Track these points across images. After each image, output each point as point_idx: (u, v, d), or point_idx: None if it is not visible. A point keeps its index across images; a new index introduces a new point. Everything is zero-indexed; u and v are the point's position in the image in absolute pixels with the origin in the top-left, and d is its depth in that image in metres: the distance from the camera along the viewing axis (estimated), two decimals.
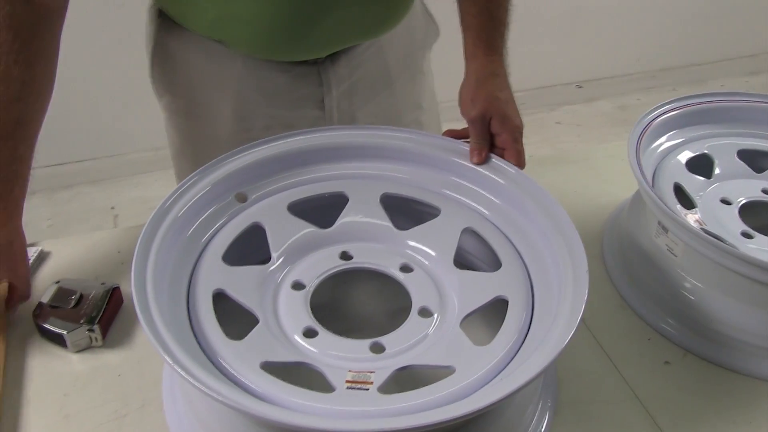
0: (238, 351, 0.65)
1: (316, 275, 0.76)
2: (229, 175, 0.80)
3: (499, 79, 0.90)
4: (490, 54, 0.92)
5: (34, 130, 0.85)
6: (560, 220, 0.74)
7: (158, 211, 0.73)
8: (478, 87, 0.89)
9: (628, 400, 0.78)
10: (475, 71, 0.91)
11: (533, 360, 0.61)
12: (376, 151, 0.86)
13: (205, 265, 0.74)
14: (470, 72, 0.92)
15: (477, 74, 0.91)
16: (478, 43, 0.92)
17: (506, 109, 0.87)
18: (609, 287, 0.92)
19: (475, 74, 0.91)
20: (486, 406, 0.56)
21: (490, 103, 0.87)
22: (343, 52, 1.00)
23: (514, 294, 0.72)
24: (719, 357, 0.83)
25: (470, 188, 0.84)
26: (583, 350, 0.83)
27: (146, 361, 0.79)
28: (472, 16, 0.92)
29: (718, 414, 0.77)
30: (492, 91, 0.88)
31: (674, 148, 0.98)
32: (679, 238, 0.83)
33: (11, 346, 0.81)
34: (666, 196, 0.90)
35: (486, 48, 0.92)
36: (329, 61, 1.00)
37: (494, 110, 0.86)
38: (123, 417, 0.74)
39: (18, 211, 0.85)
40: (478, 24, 0.92)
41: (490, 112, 0.86)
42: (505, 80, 0.91)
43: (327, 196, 0.83)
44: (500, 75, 0.91)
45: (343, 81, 1.02)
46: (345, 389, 0.63)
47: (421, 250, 0.80)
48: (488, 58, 0.91)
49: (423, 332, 0.71)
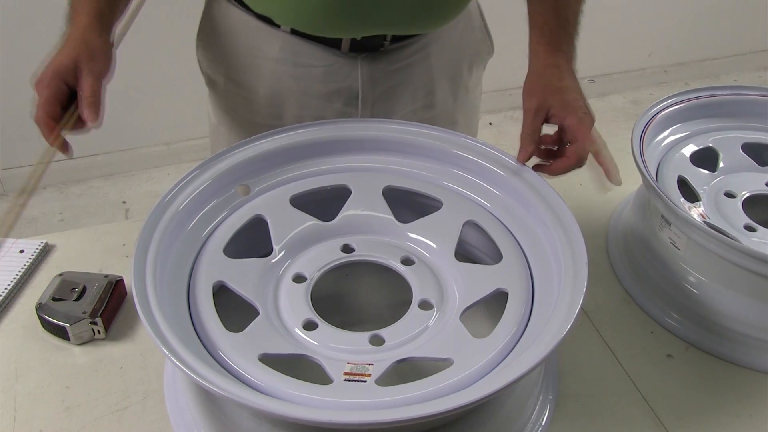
0: (238, 343, 0.66)
1: (318, 268, 0.77)
2: (231, 167, 0.80)
3: (560, 71, 0.86)
4: (552, 51, 0.88)
5: None
6: (561, 212, 0.74)
7: (160, 204, 0.74)
8: (537, 79, 0.86)
9: (630, 394, 0.77)
10: (536, 65, 0.88)
11: (531, 351, 0.61)
12: (378, 144, 0.86)
13: (207, 258, 0.74)
14: (531, 67, 0.88)
15: (537, 68, 0.87)
16: (541, 39, 0.88)
17: (566, 96, 0.82)
18: (612, 280, 0.92)
19: (536, 68, 0.87)
20: (483, 397, 0.56)
21: (548, 91, 0.83)
22: (387, 52, 0.98)
23: (514, 286, 0.72)
24: (722, 350, 0.82)
25: (472, 181, 0.84)
26: (585, 343, 0.83)
27: (149, 353, 0.80)
28: (538, 14, 0.90)
29: (720, 407, 0.76)
30: (551, 81, 0.84)
31: (679, 142, 0.97)
32: (683, 232, 0.83)
33: (14, 338, 0.82)
34: (670, 189, 0.90)
35: (548, 45, 0.88)
36: (370, 58, 0.98)
37: (553, 99, 0.82)
38: (125, 409, 0.74)
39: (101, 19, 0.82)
40: (542, 21, 0.89)
41: (549, 102, 0.82)
42: (569, 73, 0.86)
43: (329, 189, 0.83)
44: (561, 67, 0.86)
45: (382, 82, 1.00)
46: (343, 381, 0.63)
47: (423, 242, 0.80)
48: (550, 54, 0.87)
49: (423, 325, 0.71)
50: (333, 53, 0.96)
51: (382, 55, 0.98)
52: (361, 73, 0.98)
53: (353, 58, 0.97)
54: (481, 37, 1.09)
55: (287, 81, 0.99)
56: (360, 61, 0.97)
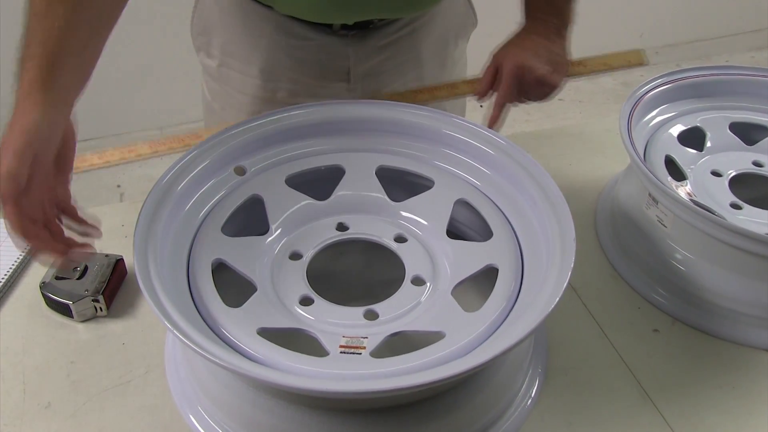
0: (237, 318, 0.68)
1: (313, 245, 0.79)
2: (228, 148, 0.82)
3: (534, 36, 0.97)
4: (529, 20, 0.99)
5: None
6: (549, 190, 0.76)
7: (159, 185, 0.75)
8: (507, 41, 0.98)
9: (617, 366, 0.80)
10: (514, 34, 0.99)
11: (520, 324, 0.63)
12: (371, 125, 0.88)
13: (205, 237, 0.76)
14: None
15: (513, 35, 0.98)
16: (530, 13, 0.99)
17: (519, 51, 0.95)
18: (601, 257, 0.94)
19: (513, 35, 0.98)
20: (474, 366, 0.59)
21: (507, 50, 0.95)
22: (376, 28, 1.01)
23: (504, 262, 0.75)
24: (707, 325, 0.85)
25: (463, 160, 0.85)
26: (573, 318, 0.85)
27: (149, 329, 0.82)
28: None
29: (704, 380, 0.79)
30: (518, 41, 0.97)
31: (666, 122, 0.99)
32: (669, 210, 0.85)
33: (20, 315, 0.84)
34: (657, 168, 0.92)
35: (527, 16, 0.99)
36: (360, 35, 1.01)
37: (503, 55, 0.95)
38: (128, 383, 0.76)
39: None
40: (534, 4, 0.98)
41: (501, 58, 0.95)
42: (544, 40, 0.96)
43: (324, 169, 0.85)
44: (539, 34, 0.97)
45: (371, 58, 1.03)
46: (339, 353, 0.66)
47: (415, 220, 0.82)
48: (530, 23, 0.99)
49: (416, 300, 0.73)
50: (325, 32, 0.99)
51: (371, 32, 1.01)
52: (351, 50, 1.01)
53: (344, 35, 1.00)
54: (464, 10, 1.12)
55: (281, 57, 1.02)
56: (350, 38, 1.00)
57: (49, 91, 0.67)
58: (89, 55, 0.71)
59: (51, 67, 0.67)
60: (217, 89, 1.10)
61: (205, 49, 1.07)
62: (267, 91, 1.04)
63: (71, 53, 0.68)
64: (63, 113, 0.69)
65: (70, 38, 0.68)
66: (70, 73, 0.69)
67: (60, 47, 0.67)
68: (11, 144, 0.64)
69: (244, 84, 1.05)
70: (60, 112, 0.68)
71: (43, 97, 0.66)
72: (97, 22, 0.71)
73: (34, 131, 0.65)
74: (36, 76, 0.66)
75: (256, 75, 1.03)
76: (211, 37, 1.05)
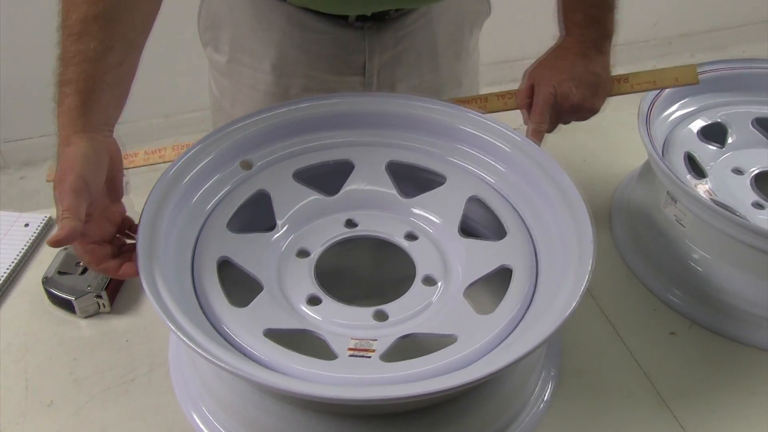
0: (242, 318, 0.66)
1: (321, 243, 0.77)
2: (234, 142, 0.80)
3: (565, 52, 0.91)
4: (567, 33, 0.92)
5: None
6: (567, 189, 0.74)
7: (163, 179, 0.73)
8: (542, 60, 0.91)
9: (632, 371, 0.78)
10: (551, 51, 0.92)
11: (535, 330, 0.61)
12: (382, 119, 0.85)
13: (210, 233, 0.74)
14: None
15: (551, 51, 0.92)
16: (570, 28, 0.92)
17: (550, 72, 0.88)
18: (615, 256, 0.92)
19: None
20: (487, 375, 0.57)
21: (542, 73, 0.89)
22: (392, 19, 0.98)
23: (518, 263, 0.72)
24: (725, 328, 0.82)
25: (476, 156, 0.83)
26: (587, 320, 0.83)
27: (153, 327, 0.80)
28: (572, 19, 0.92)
29: (722, 385, 0.77)
30: (554, 61, 0.90)
31: (687, 117, 0.97)
32: (688, 209, 0.82)
33: (22, 310, 0.82)
34: (676, 165, 0.89)
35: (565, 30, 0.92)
36: (376, 27, 0.98)
37: (538, 77, 0.89)
38: (131, 381, 0.75)
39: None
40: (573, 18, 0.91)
41: (535, 81, 0.89)
42: (581, 59, 0.89)
43: (332, 163, 0.83)
44: (576, 53, 0.90)
45: (387, 50, 1.00)
46: (347, 357, 0.64)
47: (426, 218, 0.80)
48: (567, 39, 0.92)
49: (426, 300, 0.71)
50: (340, 24, 0.96)
51: (387, 23, 0.98)
52: (367, 42, 0.98)
53: (359, 28, 0.97)
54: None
55: (294, 51, 0.99)
56: (366, 31, 0.97)
57: (90, 114, 0.66)
58: (126, 70, 0.70)
59: (90, 90, 0.66)
60: (227, 86, 1.07)
61: (214, 44, 1.04)
62: (279, 87, 1.01)
63: (108, 70, 0.67)
64: (106, 135, 0.68)
65: (107, 56, 0.67)
66: (110, 92, 0.68)
67: (97, 67, 0.67)
68: (65, 181, 0.63)
69: (256, 80, 1.02)
70: (104, 135, 0.68)
71: (85, 123, 0.66)
72: (132, 35, 0.70)
73: (82, 162, 0.64)
74: (75, 102, 0.66)
75: (268, 71, 1.00)
76: (220, 32, 1.02)
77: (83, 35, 0.66)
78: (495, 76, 2.74)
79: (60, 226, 0.62)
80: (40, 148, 2.40)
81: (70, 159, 0.64)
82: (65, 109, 0.66)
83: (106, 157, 0.68)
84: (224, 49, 1.03)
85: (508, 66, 2.55)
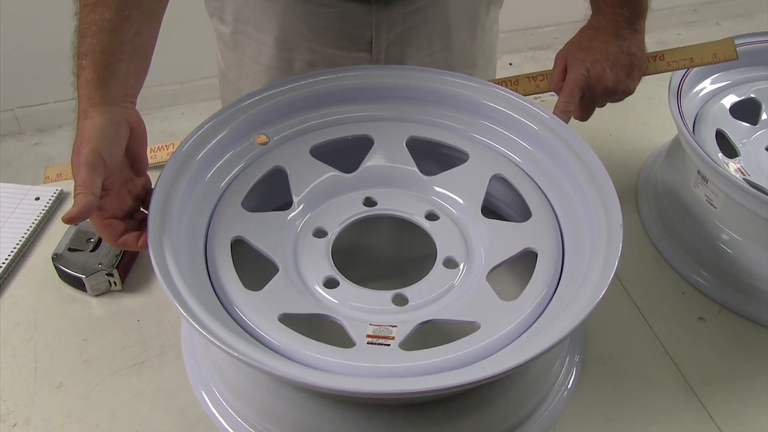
0: (257, 302, 0.64)
1: (339, 222, 0.74)
2: (249, 117, 0.77)
3: (597, 32, 0.86)
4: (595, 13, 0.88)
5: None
6: (595, 170, 0.71)
7: (176, 156, 0.71)
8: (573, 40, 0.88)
9: (659, 357, 0.75)
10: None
11: (561, 320, 0.58)
12: (402, 92, 0.82)
13: (224, 211, 0.72)
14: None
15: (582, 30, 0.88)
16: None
17: (580, 54, 0.85)
18: (643, 237, 0.89)
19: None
20: (510, 368, 0.55)
21: (573, 54, 0.85)
22: None
23: (543, 246, 0.69)
24: (756, 314, 0.80)
25: (501, 133, 0.80)
26: (613, 303, 0.80)
27: (165, 306, 0.78)
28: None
29: (753, 374, 0.74)
30: (586, 42, 0.86)
31: (718, 92, 0.93)
32: (720, 189, 0.79)
33: (32, 287, 0.80)
34: (707, 143, 0.86)
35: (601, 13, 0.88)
36: (383, 2, 0.93)
37: (570, 59, 0.85)
38: (142, 363, 0.73)
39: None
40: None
41: (567, 62, 0.85)
42: (615, 38, 0.85)
43: (351, 139, 0.80)
44: (608, 32, 0.86)
45: (396, 26, 0.96)
46: (366, 344, 0.61)
47: (448, 197, 0.77)
48: (598, 18, 0.88)
49: (448, 284, 0.69)
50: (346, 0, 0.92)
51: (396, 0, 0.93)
52: (374, 17, 0.94)
53: (366, 1, 0.93)
54: None
55: (298, 25, 0.95)
56: (372, 5, 0.93)
57: (108, 86, 0.65)
58: (145, 40, 0.68)
59: (107, 62, 0.65)
60: (232, 57, 1.03)
61: (218, 14, 1.01)
62: (283, 61, 0.98)
63: (126, 41, 0.66)
64: (126, 107, 0.66)
65: (123, 26, 0.66)
66: (127, 62, 0.66)
67: (113, 37, 0.65)
68: (80, 155, 0.62)
69: (259, 53, 0.99)
70: (123, 107, 0.66)
71: (102, 96, 0.64)
72: (149, 3, 0.68)
73: (98, 136, 0.63)
74: (92, 74, 0.64)
75: (271, 44, 0.97)
76: (225, 2, 0.98)
77: (98, 5, 0.65)
78: (514, 44, 2.69)
79: (74, 202, 0.61)
80: (55, 114, 2.38)
81: (85, 133, 0.63)
82: (83, 81, 0.65)
83: (125, 130, 0.66)
84: (228, 20, 1.00)
85: (529, 33, 2.49)
